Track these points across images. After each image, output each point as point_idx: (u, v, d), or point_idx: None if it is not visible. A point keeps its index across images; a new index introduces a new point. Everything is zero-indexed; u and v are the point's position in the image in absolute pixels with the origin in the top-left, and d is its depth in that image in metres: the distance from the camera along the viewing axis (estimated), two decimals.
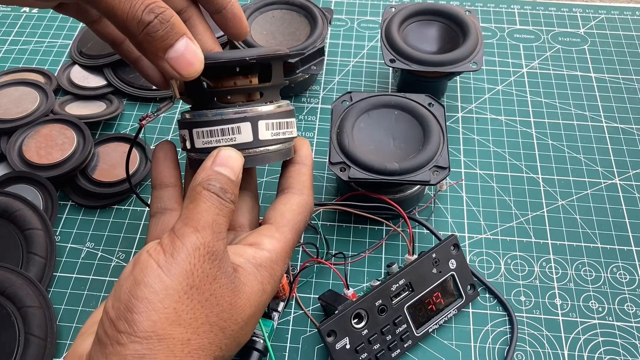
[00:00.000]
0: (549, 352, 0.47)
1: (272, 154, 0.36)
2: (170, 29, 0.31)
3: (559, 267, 0.52)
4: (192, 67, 0.32)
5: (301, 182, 0.38)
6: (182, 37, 0.31)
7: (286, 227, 0.36)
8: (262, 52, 0.35)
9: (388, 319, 0.44)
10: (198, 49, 0.32)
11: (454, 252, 0.47)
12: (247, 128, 0.35)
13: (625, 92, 0.66)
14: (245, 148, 0.35)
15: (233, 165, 0.33)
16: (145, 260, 0.30)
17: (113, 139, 0.59)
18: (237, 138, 0.35)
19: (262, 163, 0.36)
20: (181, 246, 0.30)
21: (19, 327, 0.45)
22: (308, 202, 0.38)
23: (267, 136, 0.35)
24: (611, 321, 0.48)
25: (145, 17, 0.30)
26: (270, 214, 0.37)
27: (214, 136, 0.35)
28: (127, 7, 0.30)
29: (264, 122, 0.35)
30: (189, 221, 0.31)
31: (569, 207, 0.56)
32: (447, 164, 0.48)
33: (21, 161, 0.56)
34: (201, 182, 0.32)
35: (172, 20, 0.31)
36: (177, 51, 0.31)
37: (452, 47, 0.58)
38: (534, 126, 0.62)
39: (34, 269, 0.49)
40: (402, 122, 0.52)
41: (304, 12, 0.63)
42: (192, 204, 0.32)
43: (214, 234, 0.31)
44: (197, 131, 0.35)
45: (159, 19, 0.30)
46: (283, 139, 0.37)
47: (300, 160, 0.39)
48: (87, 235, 0.54)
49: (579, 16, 0.75)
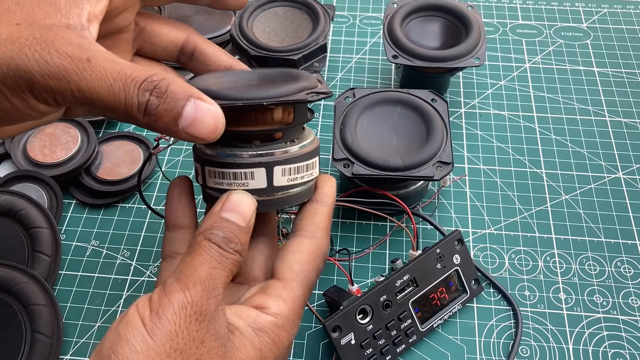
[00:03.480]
0: (553, 346, 0.47)
1: (289, 197, 0.33)
2: (170, 97, 0.27)
3: (563, 261, 0.52)
4: (212, 128, 0.28)
5: (315, 224, 0.34)
6: (187, 100, 0.28)
7: (295, 282, 0.32)
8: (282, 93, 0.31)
9: (393, 315, 0.44)
10: (211, 105, 0.28)
11: (458, 247, 0.47)
12: (261, 174, 0.32)
13: (628, 87, 0.66)
14: (258, 194, 0.32)
15: (243, 210, 0.31)
16: (132, 316, 0.28)
17: (117, 137, 0.59)
18: (250, 184, 0.32)
19: (277, 208, 0.33)
20: (168, 304, 0.28)
21: (25, 325, 0.45)
22: (321, 247, 0.34)
23: (283, 182, 0.32)
24: (616, 315, 0.48)
25: (141, 99, 0.27)
26: (278, 266, 0.33)
27: (225, 179, 0.32)
28: (122, 98, 0.27)
29: (280, 168, 0.32)
30: (181, 276, 0.29)
31: (573, 201, 0.56)
32: (451, 159, 0.48)
33: (26, 160, 0.56)
34: (204, 231, 0.30)
35: (170, 88, 0.27)
36: (188, 118, 0.28)
37: (454, 42, 0.58)
38: (537, 121, 0.62)
39: (40, 267, 0.49)
40: (405, 118, 0.52)
41: (306, 9, 0.63)
42: (190, 256, 0.30)
43: (205, 291, 0.28)
44: (209, 170, 0.33)
45: (155, 93, 0.27)
46: (300, 183, 0.33)
47: (319, 199, 0.35)
48: (92, 233, 0.54)
49: (581, 10, 0.75)
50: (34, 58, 0.26)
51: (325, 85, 0.33)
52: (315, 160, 0.35)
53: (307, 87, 0.32)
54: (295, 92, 0.31)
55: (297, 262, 0.33)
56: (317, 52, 0.60)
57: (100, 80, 0.27)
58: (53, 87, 0.26)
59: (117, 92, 0.27)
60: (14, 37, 0.26)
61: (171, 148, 0.60)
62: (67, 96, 0.27)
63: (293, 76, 0.34)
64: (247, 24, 0.61)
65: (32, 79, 0.26)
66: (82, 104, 0.27)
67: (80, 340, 0.48)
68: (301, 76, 0.33)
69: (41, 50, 0.26)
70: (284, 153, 0.32)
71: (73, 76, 0.26)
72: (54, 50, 0.26)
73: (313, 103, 0.32)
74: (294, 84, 0.32)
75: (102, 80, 0.27)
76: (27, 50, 0.26)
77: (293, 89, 0.31)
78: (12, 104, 0.27)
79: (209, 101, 0.28)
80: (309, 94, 0.32)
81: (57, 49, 0.26)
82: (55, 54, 0.26)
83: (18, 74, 0.26)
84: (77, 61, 0.26)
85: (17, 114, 0.28)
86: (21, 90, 0.27)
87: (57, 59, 0.26)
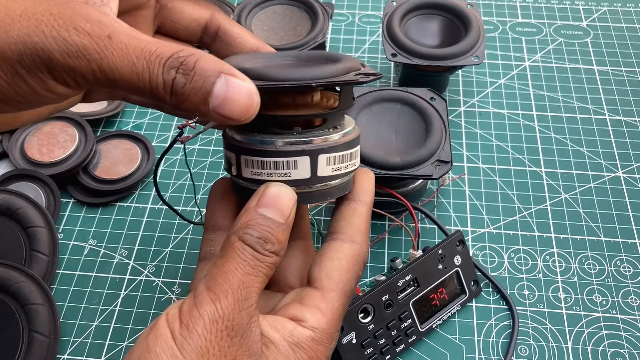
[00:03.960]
0: (552, 345, 0.47)
1: (330, 189, 0.31)
2: (198, 74, 0.25)
3: (563, 260, 0.52)
4: (245, 107, 0.26)
5: (354, 226, 0.32)
6: (217, 76, 0.25)
7: (334, 291, 0.30)
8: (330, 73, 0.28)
9: (394, 314, 0.44)
10: (244, 81, 0.26)
11: (460, 248, 0.47)
12: (304, 163, 0.29)
13: (628, 85, 0.65)
14: (299, 185, 0.30)
15: (282, 206, 0.28)
16: (161, 327, 0.27)
17: (115, 136, 0.59)
18: (292, 174, 0.29)
19: (318, 201, 0.31)
20: (198, 317, 0.26)
21: (22, 324, 0.45)
22: (361, 252, 0.32)
23: (327, 172, 0.30)
24: (615, 314, 0.48)
25: (167, 78, 0.25)
26: (315, 273, 0.31)
27: (265, 168, 0.29)
28: (147, 77, 0.25)
29: (325, 157, 0.29)
30: (211, 283, 0.27)
31: (572, 200, 0.56)
32: (450, 158, 0.48)
33: (23, 159, 0.56)
34: (237, 230, 0.28)
35: (198, 64, 0.25)
36: (219, 96, 0.25)
37: (453, 41, 0.58)
38: (536, 120, 0.62)
39: (37, 266, 0.49)
40: (404, 116, 0.51)
41: (305, 7, 0.62)
42: (221, 260, 0.28)
43: (237, 302, 0.27)
44: (246, 159, 0.30)
45: (181, 70, 0.25)
46: (345, 173, 0.31)
47: (357, 197, 0.33)
48: (90, 232, 0.54)
49: (581, 9, 0.74)
50: (51, 35, 0.24)
51: (370, 67, 0.31)
52: (357, 149, 0.32)
53: (353, 68, 0.29)
54: (343, 73, 0.29)
55: (336, 269, 0.31)
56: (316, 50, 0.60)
57: (122, 58, 0.25)
58: (73, 67, 0.24)
59: (141, 70, 0.25)
60: (29, 13, 0.24)
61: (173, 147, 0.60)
62: (88, 76, 0.25)
63: (332, 58, 0.31)
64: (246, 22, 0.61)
65: (50, 57, 0.24)
66: (104, 85, 0.25)
67: (78, 340, 0.47)
68: (341, 58, 0.30)
69: (59, 27, 0.24)
70: (327, 140, 0.30)
71: (94, 54, 0.24)
72: (72, 27, 0.24)
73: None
74: (340, 64, 0.29)
75: (124, 58, 0.25)
76: (44, 27, 0.24)
77: (340, 69, 0.29)
78: (30, 85, 0.25)
79: (241, 77, 0.26)
80: (357, 75, 0.29)
81: (76, 26, 0.24)
82: (74, 32, 0.24)
83: (35, 52, 0.24)
84: (97, 39, 0.24)
85: (34, 96, 0.26)
86: (39, 70, 0.25)
87: (75, 37, 0.24)
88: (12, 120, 0.32)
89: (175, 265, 0.52)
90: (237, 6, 0.62)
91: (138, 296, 0.50)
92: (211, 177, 0.58)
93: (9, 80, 0.25)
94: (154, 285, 0.50)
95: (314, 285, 0.30)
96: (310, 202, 0.31)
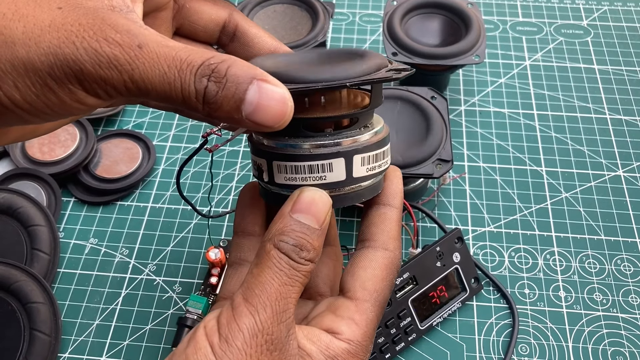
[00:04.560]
0: (553, 344, 0.47)
1: (363, 190, 0.30)
2: (230, 82, 0.24)
3: (563, 259, 0.52)
4: (279, 113, 0.25)
5: (386, 233, 0.31)
6: (250, 83, 0.25)
7: (368, 302, 0.30)
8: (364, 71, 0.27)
9: (392, 313, 0.44)
10: (277, 86, 0.25)
11: (458, 245, 0.47)
12: (340, 165, 0.28)
13: (628, 84, 0.65)
14: (334, 187, 0.29)
15: (317, 211, 0.28)
16: (200, 340, 0.26)
17: (115, 135, 0.59)
18: (328, 177, 0.28)
19: (352, 203, 0.30)
20: (237, 331, 0.26)
21: (24, 323, 0.45)
22: (394, 259, 0.31)
23: (362, 172, 0.29)
24: (615, 313, 0.48)
25: (199, 86, 0.24)
26: (348, 282, 0.30)
27: (300, 173, 0.28)
28: (179, 86, 0.24)
29: (360, 157, 0.29)
30: (249, 294, 0.27)
31: (573, 199, 0.56)
32: (450, 157, 0.48)
33: (24, 158, 0.56)
34: (272, 237, 0.27)
35: (230, 71, 0.24)
36: (252, 103, 0.25)
37: (454, 40, 0.58)
38: (537, 119, 0.62)
39: (38, 265, 0.49)
40: (405, 115, 0.51)
41: (306, 6, 0.63)
42: (257, 268, 0.27)
43: (276, 315, 0.26)
44: (279, 164, 0.29)
45: (213, 78, 0.24)
46: (378, 172, 0.30)
47: (387, 201, 0.32)
48: (91, 231, 0.54)
49: (581, 8, 0.74)
50: (82, 47, 0.24)
51: (397, 63, 0.30)
52: (388, 147, 0.31)
53: (382, 64, 0.28)
54: (375, 70, 0.28)
55: (370, 279, 0.30)
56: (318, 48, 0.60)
57: (154, 68, 0.24)
58: (105, 78, 0.24)
59: (172, 80, 0.24)
60: (58, 24, 0.24)
61: (171, 146, 0.60)
62: (119, 87, 0.24)
63: (358, 54, 0.30)
64: None
65: (82, 69, 0.24)
66: (134, 95, 0.25)
67: (79, 338, 0.48)
68: (365, 53, 0.29)
69: (89, 38, 0.24)
70: (360, 140, 0.29)
71: (125, 65, 0.24)
72: (103, 38, 0.24)
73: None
74: (370, 61, 0.28)
75: (155, 68, 0.24)
76: (74, 38, 0.24)
77: (372, 67, 0.28)
78: (59, 97, 0.25)
79: (274, 82, 0.25)
80: (389, 72, 0.28)
81: (106, 37, 0.24)
82: (105, 42, 0.24)
83: (67, 63, 0.24)
84: (127, 49, 0.24)
85: (63, 108, 0.25)
86: (69, 82, 0.24)
87: (107, 48, 0.24)
88: (34, 130, 0.31)
89: (176, 264, 0.52)
90: (238, 5, 0.62)
91: (139, 295, 0.50)
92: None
93: (37, 92, 0.24)
94: (154, 284, 0.51)
95: (348, 295, 0.30)
96: (345, 204, 0.30)
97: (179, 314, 0.49)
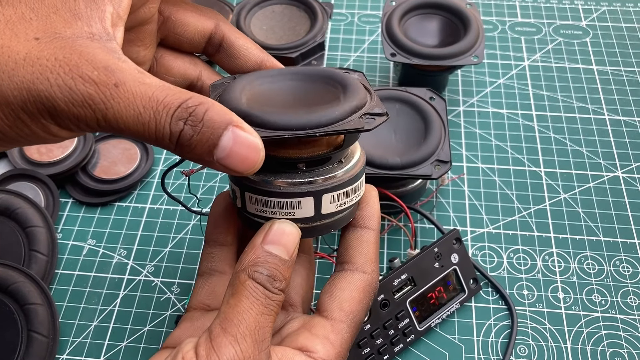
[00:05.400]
0: (552, 345, 0.47)
1: (334, 222, 0.31)
2: (206, 127, 0.25)
3: (562, 260, 0.52)
4: (249, 161, 0.26)
5: (364, 255, 0.32)
6: (226, 129, 0.25)
7: (344, 323, 0.30)
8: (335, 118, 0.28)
9: (390, 314, 0.44)
10: (251, 135, 0.25)
11: (456, 246, 0.47)
12: (308, 203, 0.29)
13: (627, 85, 0.65)
14: (303, 222, 0.30)
15: (287, 242, 0.28)
16: None
17: (114, 136, 0.59)
18: (296, 213, 0.29)
19: (321, 234, 0.31)
20: None
21: (21, 324, 0.45)
22: (371, 282, 0.32)
23: (331, 209, 0.30)
24: (614, 314, 0.48)
25: (174, 129, 0.24)
26: (325, 302, 0.31)
27: (270, 207, 0.29)
28: (152, 127, 0.24)
29: (329, 195, 0.29)
30: (227, 325, 0.26)
31: (572, 200, 0.56)
32: (449, 157, 0.48)
33: (22, 159, 0.56)
34: (246, 267, 0.27)
35: (207, 115, 0.25)
36: (225, 149, 0.25)
37: (453, 40, 0.58)
38: (536, 119, 0.62)
39: (36, 266, 0.49)
40: (403, 116, 0.51)
41: (304, 6, 0.62)
42: (234, 299, 0.27)
43: (256, 344, 0.26)
44: (250, 196, 0.30)
45: (190, 122, 0.24)
46: (348, 207, 0.31)
47: (364, 223, 0.32)
48: (89, 232, 0.54)
49: (580, 8, 0.74)
50: (57, 84, 0.23)
51: (377, 99, 0.30)
52: (362, 179, 0.32)
53: (359, 106, 0.29)
54: (349, 114, 0.28)
55: (347, 300, 0.31)
56: (315, 50, 0.60)
57: (129, 108, 0.24)
58: (77, 115, 0.24)
59: (147, 121, 0.24)
60: (33, 57, 0.24)
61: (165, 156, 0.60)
62: (92, 124, 0.24)
63: (340, 84, 0.31)
64: (245, 21, 0.61)
65: (54, 106, 0.24)
66: (107, 131, 0.25)
67: (77, 340, 0.47)
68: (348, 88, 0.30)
69: (64, 75, 0.23)
70: (331, 179, 0.30)
71: (99, 104, 0.24)
72: (78, 75, 0.24)
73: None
74: (346, 103, 0.29)
75: (130, 108, 0.24)
76: (49, 74, 0.23)
77: (346, 111, 0.28)
78: (32, 130, 0.25)
79: (249, 130, 0.25)
80: (363, 117, 0.28)
81: (82, 74, 0.24)
82: (80, 80, 0.24)
83: (40, 100, 0.23)
84: (103, 88, 0.24)
85: (36, 138, 0.25)
86: (42, 117, 0.24)
87: (82, 86, 0.23)
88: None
89: (174, 265, 0.52)
90: (237, 6, 0.62)
91: (137, 296, 0.50)
92: (210, 176, 0.58)
93: (10, 124, 0.24)
94: (153, 285, 0.50)
95: (325, 315, 0.30)
96: (314, 235, 0.31)
97: (177, 315, 0.48)
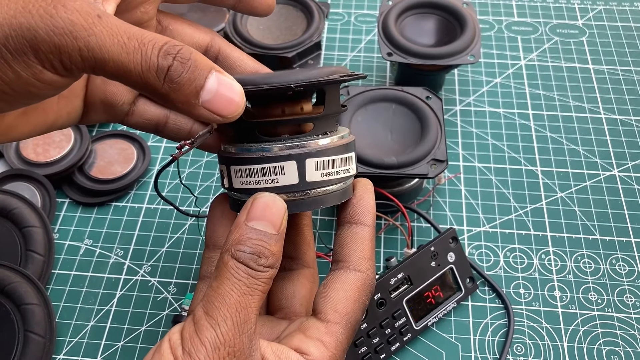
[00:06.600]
0: (548, 344, 0.47)
1: (323, 196, 0.30)
2: (194, 66, 0.25)
3: (558, 259, 0.52)
4: (233, 104, 0.26)
5: (358, 253, 0.31)
6: (210, 72, 0.26)
7: (339, 324, 0.29)
8: (311, 76, 0.29)
9: (387, 313, 0.44)
10: (233, 80, 0.27)
11: (453, 245, 0.47)
12: (291, 168, 0.29)
13: (623, 84, 0.65)
14: (289, 191, 0.29)
15: (272, 216, 0.28)
16: (165, 354, 0.27)
17: (110, 136, 0.59)
18: (280, 179, 0.29)
19: (310, 208, 0.30)
20: (199, 344, 0.26)
21: (18, 324, 0.45)
22: (367, 280, 0.31)
23: (317, 177, 0.30)
24: (610, 312, 0.48)
25: (163, 62, 0.25)
26: (320, 303, 0.30)
27: (253, 176, 0.29)
28: (138, 58, 0.24)
29: (313, 161, 0.29)
30: (209, 307, 0.27)
31: (568, 199, 0.56)
32: (445, 157, 0.48)
33: (18, 159, 0.56)
34: (229, 247, 0.27)
35: (194, 57, 0.25)
36: (211, 90, 0.26)
37: (449, 39, 0.58)
38: (532, 119, 0.62)
39: (33, 266, 0.49)
40: (400, 115, 0.51)
41: (301, 6, 0.63)
42: (216, 281, 0.27)
43: (237, 326, 0.26)
44: (235, 169, 0.30)
45: (178, 59, 0.25)
46: (337, 179, 0.31)
47: (358, 220, 0.32)
48: (86, 232, 0.54)
49: (577, 8, 0.74)
50: (38, 14, 0.23)
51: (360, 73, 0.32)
52: (351, 155, 0.32)
53: (338, 71, 0.30)
54: (326, 76, 0.29)
55: (342, 301, 0.30)
56: (312, 49, 0.60)
57: (112, 37, 0.24)
58: (58, 45, 0.24)
59: (132, 50, 0.24)
60: None
61: (166, 147, 0.60)
62: (74, 56, 0.24)
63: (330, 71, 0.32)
64: (241, 21, 0.61)
65: (35, 36, 0.23)
66: (92, 67, 0.25)
67: (74, 340, 0.47)
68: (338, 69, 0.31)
69: (46, 5, 0.24)
70: (315, 144, 0.30)
71: (81, 31, 0.24)
72: (61, 5, 0.24)
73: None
74: (325, 69, 0.30)
75: (114, 37, 0.24)
76: (31, 7, 0.24)
77: (324, 72, 0.29)
78: (15, 71, 0.24)
79: (230, 76, 0.27)
80: (341, 76, 0.29)
81: (65, 4, 0.24)
82: (62, 8, 0.24)
83: (21, 32, 0.23)
84: (85, 15, 0.24)
85: (21, 85, 0.25)
86: (24, 54, 0.24)
87: (63, 13, 0.23)
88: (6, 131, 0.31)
89: (171, 265, 0.52)
90: None
91: (134, 296, 0.50)
92: (206, 176, 0.58)
93: None
94: (149, 285, 0.50)
95: (319, 316, 0.30)
96: (302, 209, 0.30)
97: (174, 315, 0.48)
